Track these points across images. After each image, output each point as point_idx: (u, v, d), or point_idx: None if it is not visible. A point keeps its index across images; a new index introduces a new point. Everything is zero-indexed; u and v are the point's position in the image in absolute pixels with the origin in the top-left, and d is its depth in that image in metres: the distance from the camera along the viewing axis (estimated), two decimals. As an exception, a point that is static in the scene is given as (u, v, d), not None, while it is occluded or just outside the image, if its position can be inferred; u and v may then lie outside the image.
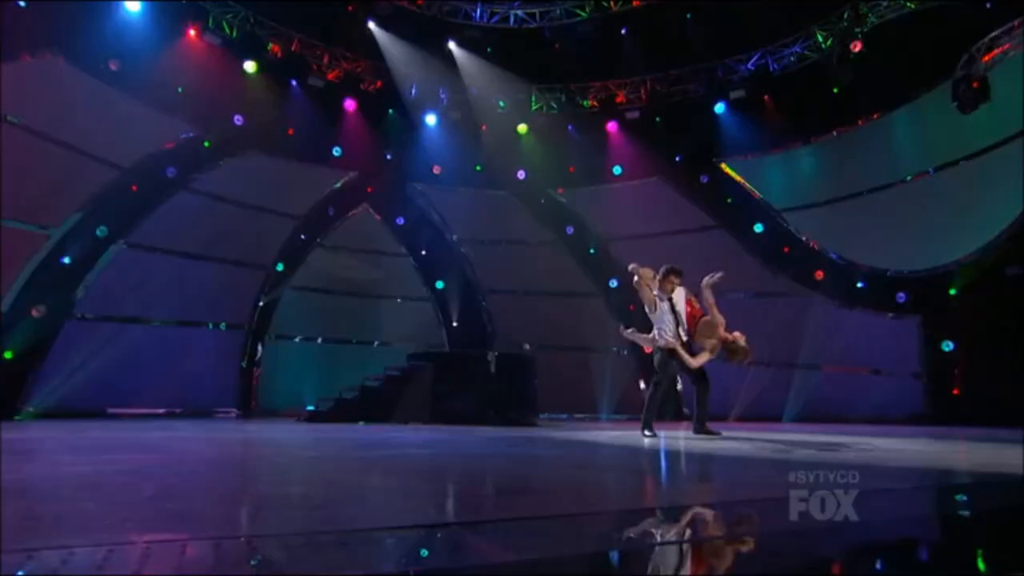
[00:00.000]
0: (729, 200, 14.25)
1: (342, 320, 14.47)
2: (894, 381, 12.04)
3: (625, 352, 14.43)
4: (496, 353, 9.26)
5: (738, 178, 14.30)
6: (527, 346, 14.19)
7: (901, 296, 12.19)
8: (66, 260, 10.29)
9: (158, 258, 11.46)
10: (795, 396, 12.51)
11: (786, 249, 13.57)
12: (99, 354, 10.53)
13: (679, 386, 14.20)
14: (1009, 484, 2.78)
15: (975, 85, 9.06)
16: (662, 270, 6.41)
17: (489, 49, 13.46)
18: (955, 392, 11.33)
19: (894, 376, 12.07)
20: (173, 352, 11.51)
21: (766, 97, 13.91)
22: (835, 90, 12.93)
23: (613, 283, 14.84)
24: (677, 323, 6.31)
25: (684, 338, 6.29)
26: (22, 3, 9.84)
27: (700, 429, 6.36)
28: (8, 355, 9.57)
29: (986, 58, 9.23)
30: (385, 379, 8.96)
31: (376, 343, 14.85)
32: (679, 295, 6.45)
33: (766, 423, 11.64)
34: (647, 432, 6.12)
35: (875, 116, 12.76)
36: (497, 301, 15.11)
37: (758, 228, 13.90)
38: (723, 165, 14.44)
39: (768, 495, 2.51)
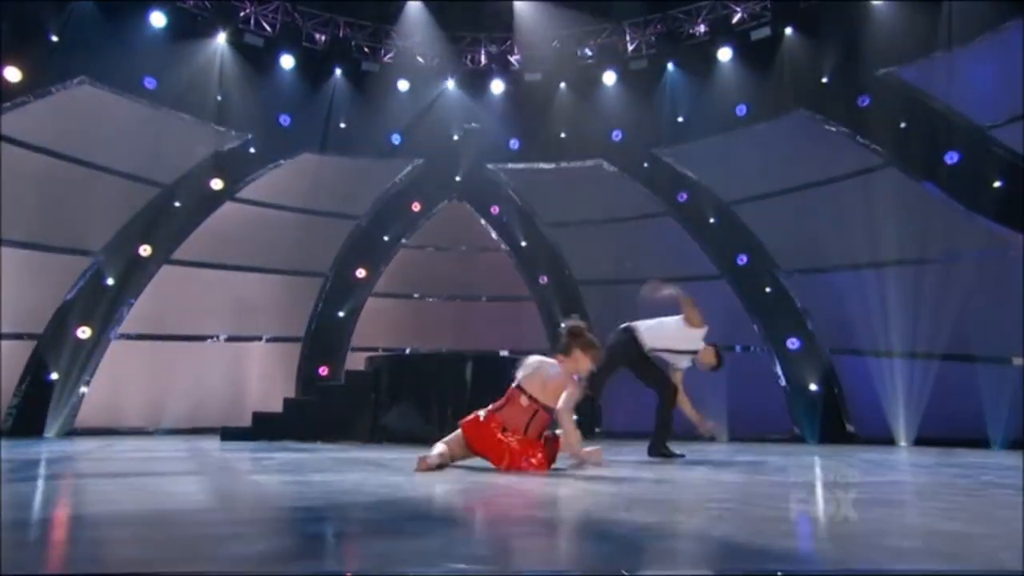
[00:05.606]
0: (903, 125, 9.86)
1: (435, 327, 13.08)
2: None
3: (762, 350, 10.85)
4: (473, 357, 6.97)
5: (916, 93, 9.83)
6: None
7: None
8: (109, 281, 10.32)
9: (205, 273, 11.13)
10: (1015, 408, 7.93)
11: (997, 183, 8.88)
12: (145, 372, 10.46)
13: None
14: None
15: None
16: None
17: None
18: None
19: None
20: (226, 368, 11.09)
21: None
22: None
23: (742, 260, 11.28)
24: None
25: None
26: (54, 37, 10.06)
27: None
28: (55, 376, 9.75)
29: None
30: (319, 390, 7.21)
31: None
32: None
33: (961, 447, 7.46)
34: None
35: None
36: (595, 292, 12.40)
37: (950, 158, 9.37)
38: (892, 76, 10.07)
39: None
